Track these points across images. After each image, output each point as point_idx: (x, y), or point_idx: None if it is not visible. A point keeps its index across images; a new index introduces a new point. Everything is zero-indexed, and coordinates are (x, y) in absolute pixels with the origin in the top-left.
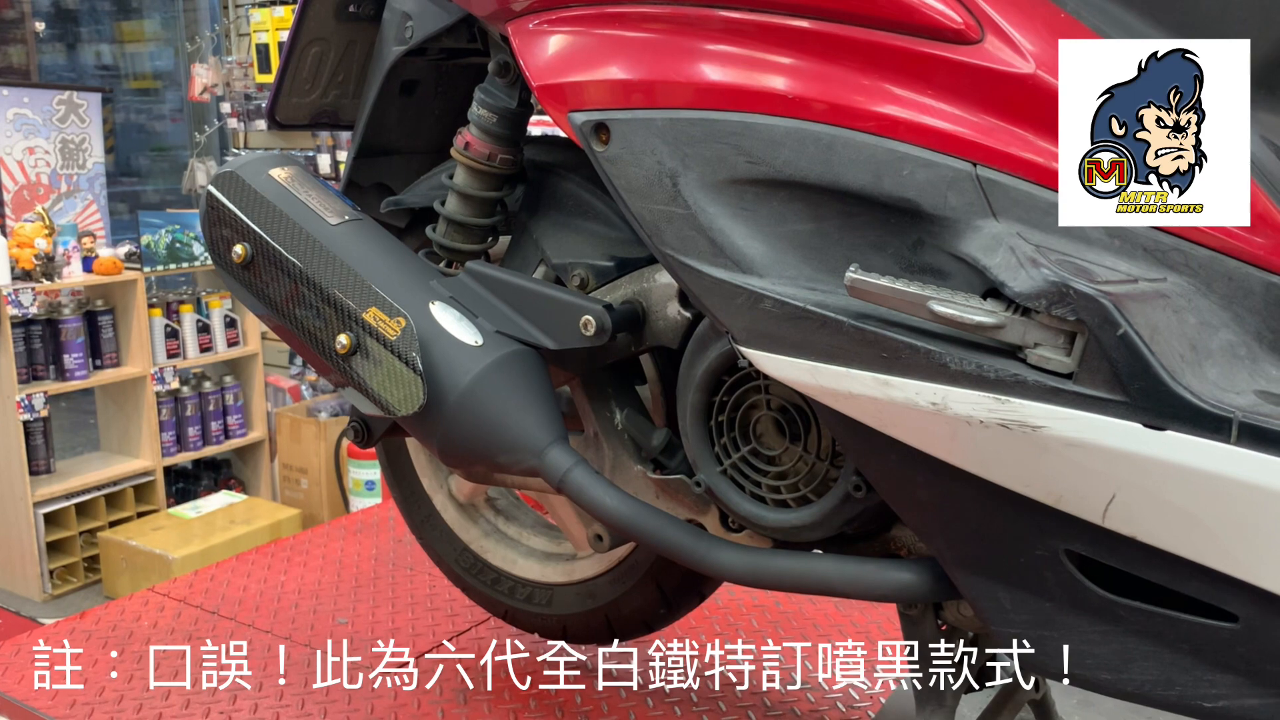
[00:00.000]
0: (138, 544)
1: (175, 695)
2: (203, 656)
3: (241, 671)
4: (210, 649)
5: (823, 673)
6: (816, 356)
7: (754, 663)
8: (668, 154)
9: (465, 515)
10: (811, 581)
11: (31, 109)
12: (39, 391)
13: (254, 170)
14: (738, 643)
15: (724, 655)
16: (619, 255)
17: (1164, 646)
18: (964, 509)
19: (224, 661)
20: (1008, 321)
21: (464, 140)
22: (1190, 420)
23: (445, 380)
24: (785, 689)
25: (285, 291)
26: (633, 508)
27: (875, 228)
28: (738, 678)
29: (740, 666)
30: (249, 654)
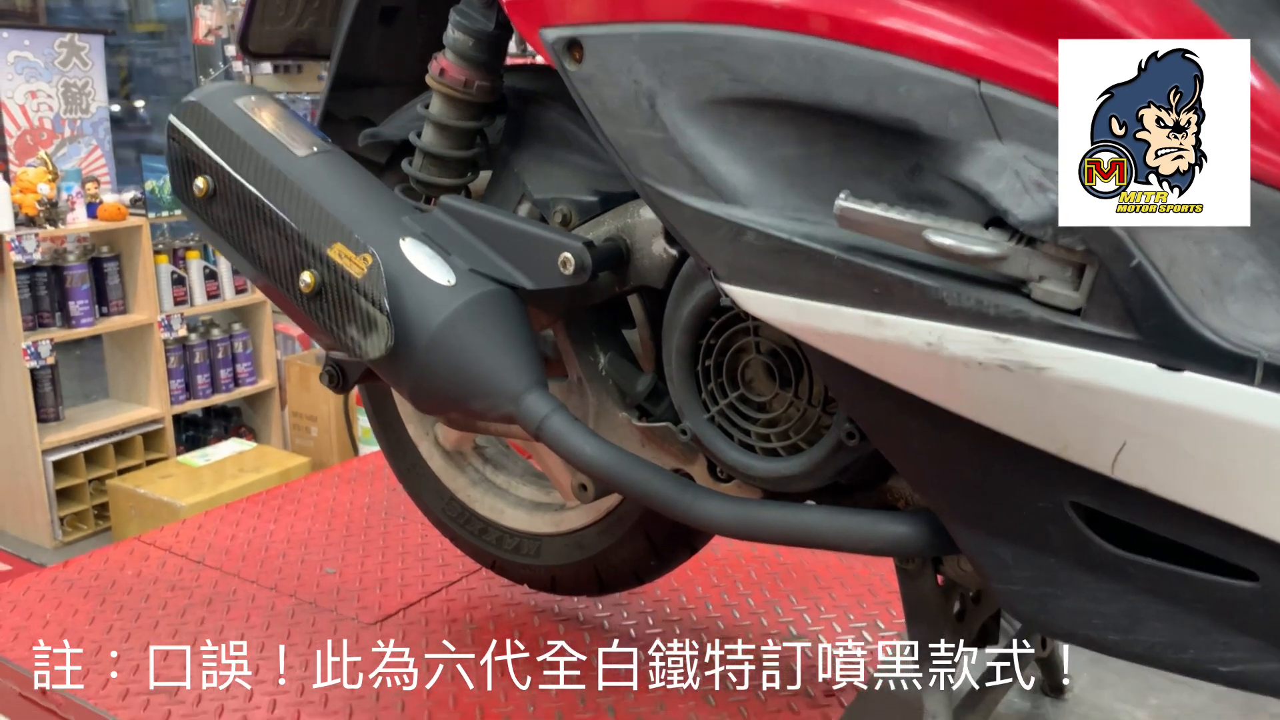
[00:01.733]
0: (146, 492)
1: (153, 646)
2: (186, 608)
3: (222, 623)
4: (193, 601)
5: (820, 627)
6: (803, 293)
7: (749, 615)
8: (645, 72)
9: (452, 463)
10: (801, 534)
11: (33, 51)
12: (45, 339)
13: (219, 100)
14: (734, 596)
15: (720, 604)
16: (604, 190)
17: (1177, 606)
18: (962, 458)
19: (206, 614)
20: (1010, 252)
21: (439, 66)
22: (1210, 360)
23: (415, 321)
24: (782, 644)
25: (248, 227)
26: (614, 456)
27: (869, 152)
28: (733, 629)
29: (734, 618)
30: (230, 606)
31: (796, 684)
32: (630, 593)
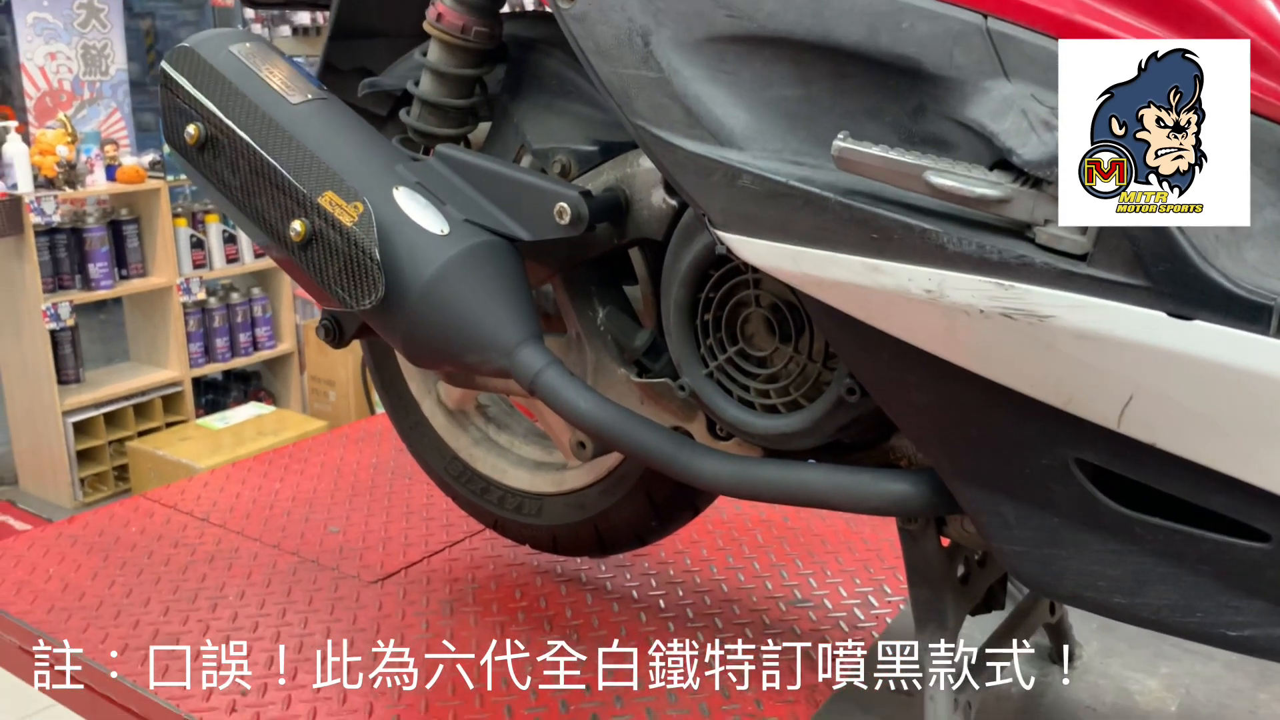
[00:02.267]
0: (166, 454)
1: (155, 602)
2: (188, 564)
3: (223, 579)
4: (195, 558)
5: (826, 591)
6: (800, 240)
7: (754, 579)
8: (639, 9)
9: (454, 422)
10: (800, 492)
11: (52, 13)
12: (65, 300)
13: (213, 46)
14: (739, 559)
15: (725, 566)
16: (604, 139)
17: (1185, 568)
18: (963, 413)
19: (208, 571)
20: (1015, 194)
21: (436, 11)
22: (1223, 309)
23: (407, 271)
24: (785, 606)
25: (240, 175)
26: (610, 412)
27: (871, 92)
28: (736, 591)
29: (739, 581)
30: (232, 563)
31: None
32: (635, 554)
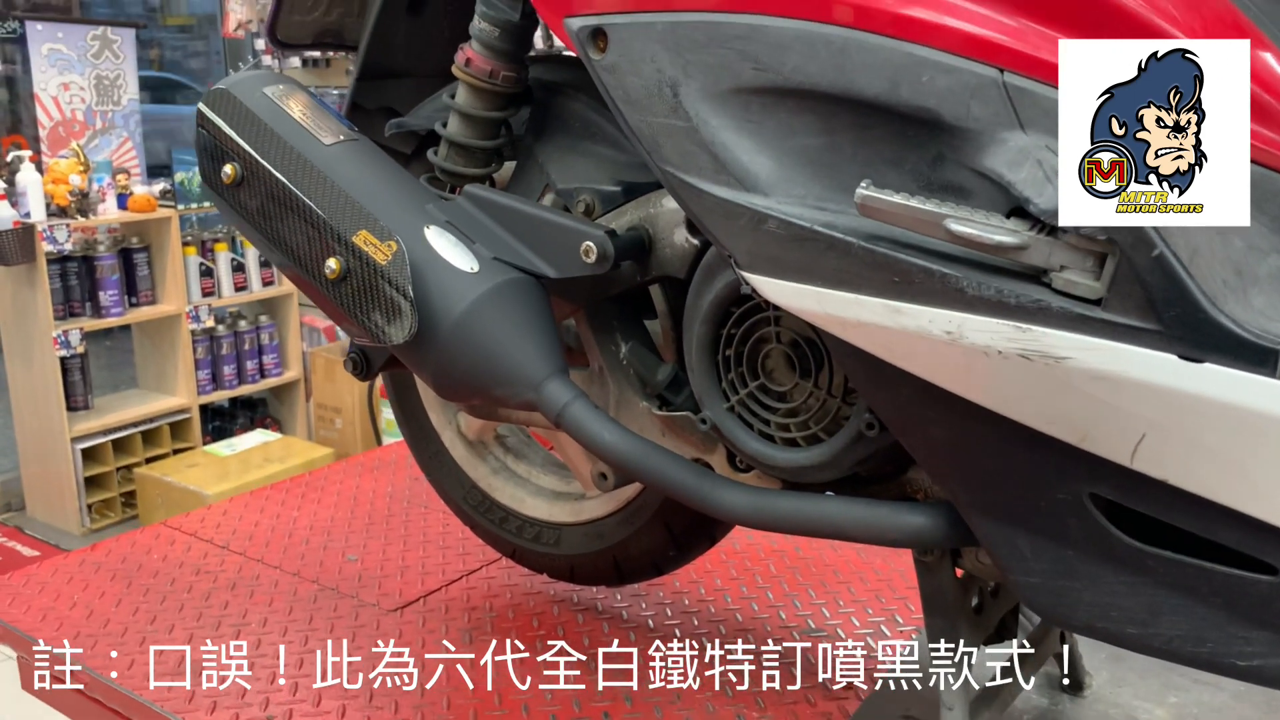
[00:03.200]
0: (173, 480)
1: (179, 629)
2: (210, 591)
3: (245, 607)
4: (217, 585)
5: (839, 621)
6: (824, 282)
7: (768, 608)
8: (668, 61)
9: (474, 452)
10: (819, 524)
11: (66, 44)
12: (75, 328)
13: (247, 87)
14: (752, 589)
15: (739, 596)
16: (627, 180)
17: (1195, 600)
18: (981, 449)
19: (230, 598)
20: (1032, 241)
21: (465, 56)
22: (1232, 352)
23: (439, 308)
24: (798, 635)
25: (275, 214)
26: (633, 444)
27: (891, 141)
28: (750, 622)
29: (753, 611)
30: (254, 590)
31: (811, 678)
32: (648, 584)
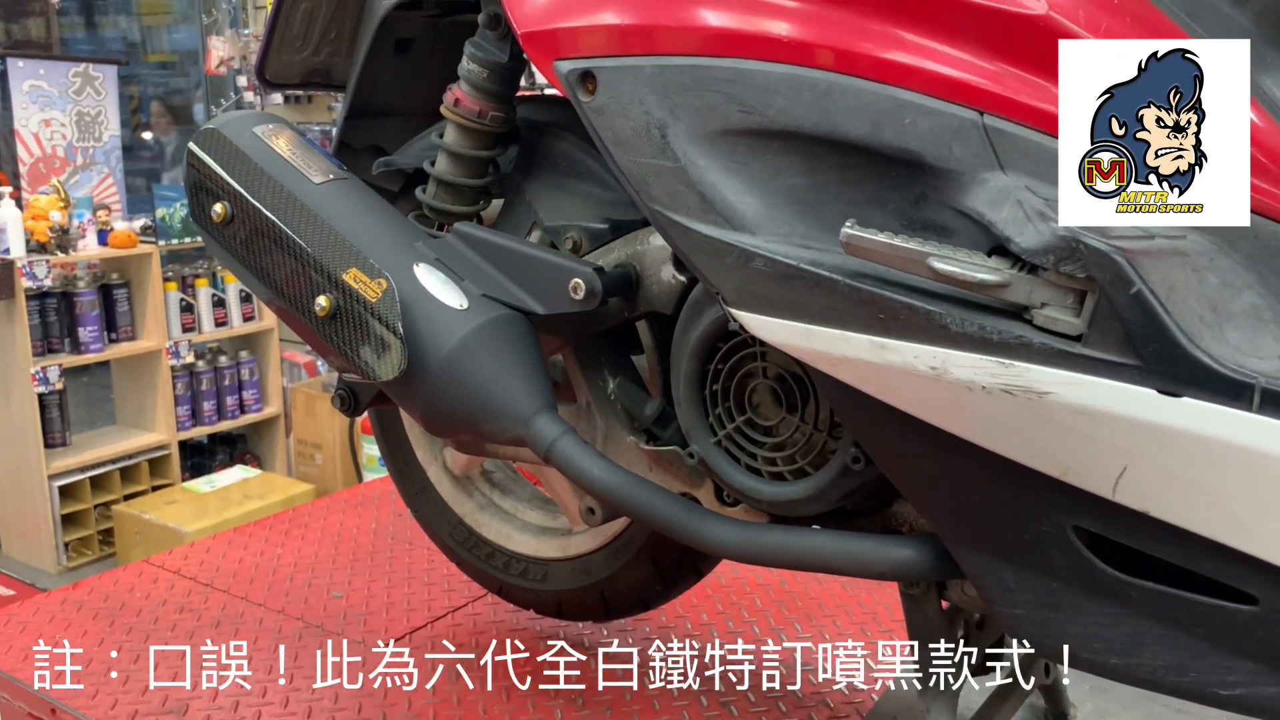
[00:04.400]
0: (151, 518)
1: (163, 668)
2: (194, 630)
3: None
4: (201, 623)
5: (824, 656)
6: (810, 318)
7: (755, 642)
8: (656, 103)
9: (460, 488)
10: (807, 558)
11: (48, 81)
12: (54, 364)
13: (237, 127)
14: (739, 624)
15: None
16: (614, 218)
17: (1178, 630)
18: (966, 482)
19: (213, 635)
20: (1013, 279)
21: (454, 96)
22: (1209, 386)
23: (428, 345)
24: (786, 669)
25: (265, 252)
26: (622, 480)
27: (874, 181)
28: (737, 658)
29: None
30: (238, 628)
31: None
32: (635, 619)
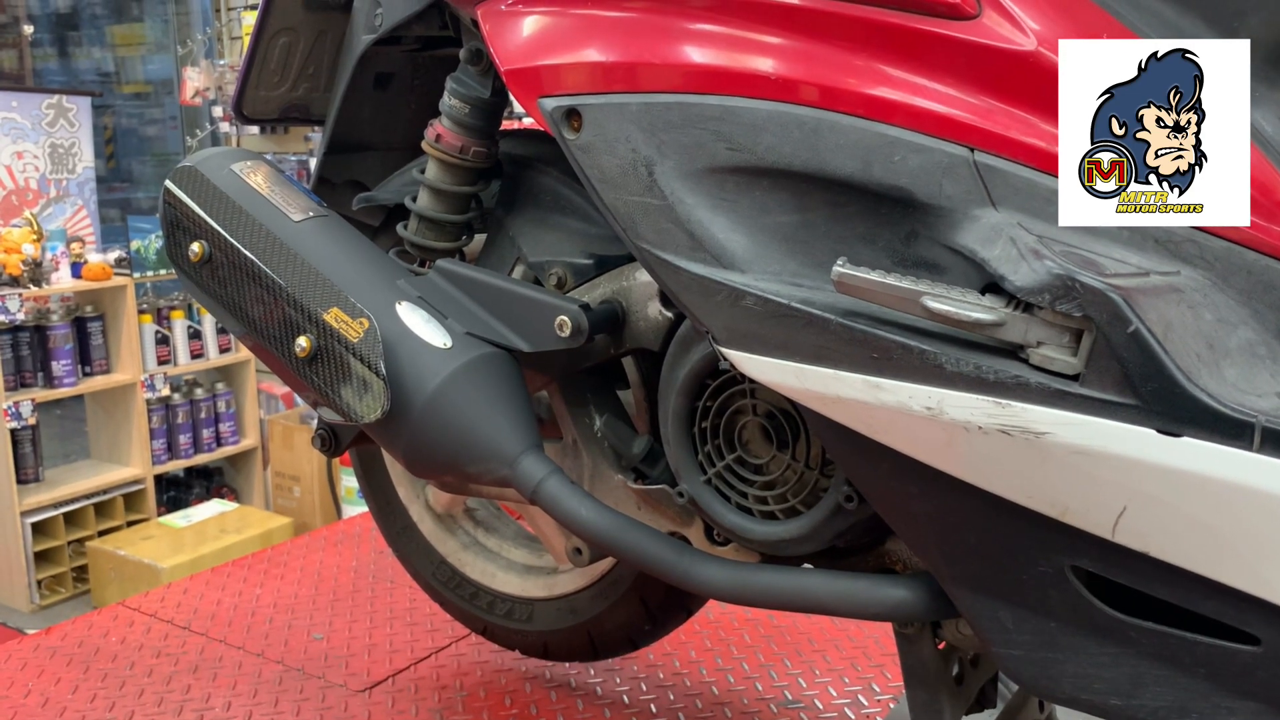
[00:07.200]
0: (126, 553)
1: (139, 716)
2: (171, 675)
3: (209, 690)
4: (179, 668)
5: (816, 693)
6: (802, 357)
7: (744, 680)
8: (643, 141)
9: (443, 527)
10: (800, 598)
11: (20, 113)
12: (26, 399)
13: (214, 165)
14: (727, 660)
15: (714, 668)
16: (598, 253)
17: (1178, 670)
18: (962, 522)
19: (192, 681)
20: (1008, 318)
21: (435, 132)
22: (1208, 425)
23: (411, 385)
24: (776, 708)
25: (244, 292)
26: (610, 520)
27: (865, 219)
28: (727, 694)
29: (729, 683)
30: (217, 673)
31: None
32: (622, 658)
